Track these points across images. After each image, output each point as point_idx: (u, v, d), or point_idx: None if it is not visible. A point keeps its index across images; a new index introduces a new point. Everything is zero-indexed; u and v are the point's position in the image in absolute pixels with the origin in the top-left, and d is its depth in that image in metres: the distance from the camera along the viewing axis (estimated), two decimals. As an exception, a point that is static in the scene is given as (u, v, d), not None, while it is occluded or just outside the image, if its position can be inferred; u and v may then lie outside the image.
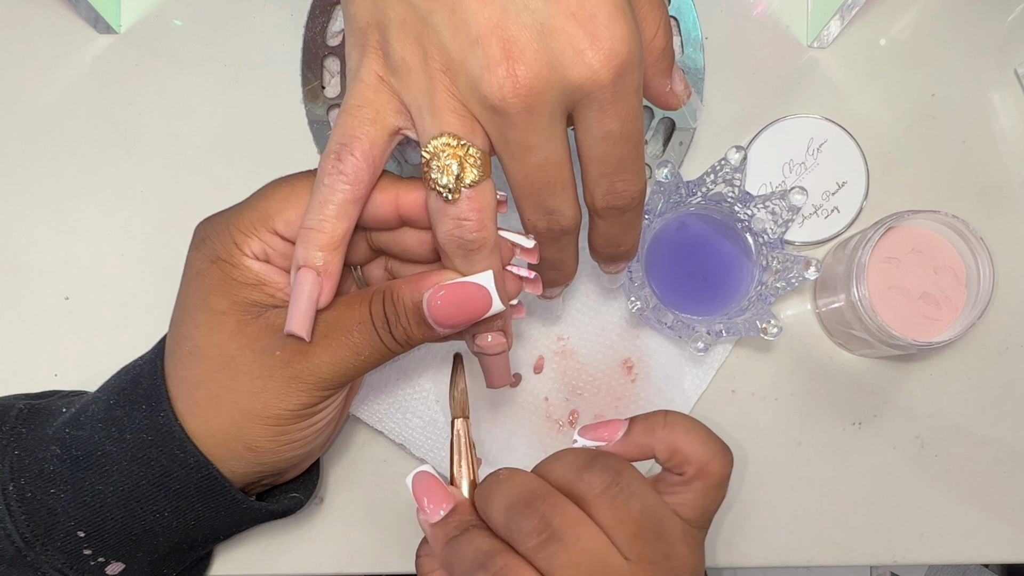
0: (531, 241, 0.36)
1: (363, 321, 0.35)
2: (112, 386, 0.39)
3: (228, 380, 0.36)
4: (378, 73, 0.33)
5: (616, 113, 0.31)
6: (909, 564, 0.49)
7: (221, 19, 0.51)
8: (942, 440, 0.49)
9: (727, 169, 0.45)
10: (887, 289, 0.46)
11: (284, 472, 0.41)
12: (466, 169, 0.32)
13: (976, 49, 0.51)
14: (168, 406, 0.37)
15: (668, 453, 0.36)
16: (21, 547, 0.37)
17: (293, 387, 0.36)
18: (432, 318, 0.35)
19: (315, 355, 0.35)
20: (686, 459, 0.35)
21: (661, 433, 0.36)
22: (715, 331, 0.45)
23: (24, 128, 0.50)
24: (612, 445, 0.36)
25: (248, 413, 0.36)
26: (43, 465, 0.38)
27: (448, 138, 0.32)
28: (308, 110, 0.50)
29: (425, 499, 0.37)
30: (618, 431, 0.37)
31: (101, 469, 0.37)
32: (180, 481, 0.37)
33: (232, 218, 0.37)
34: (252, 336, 0.36)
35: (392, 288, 0.36)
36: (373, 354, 0.36)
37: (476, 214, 0.33)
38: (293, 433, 0.37)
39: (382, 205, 0.35)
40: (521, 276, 0.37)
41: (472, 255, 0.34)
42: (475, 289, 0.34)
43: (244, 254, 0.36)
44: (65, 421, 0.39)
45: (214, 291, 0.37)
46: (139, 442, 0.37)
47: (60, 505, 0.37)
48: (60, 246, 0.49)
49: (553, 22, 0.30)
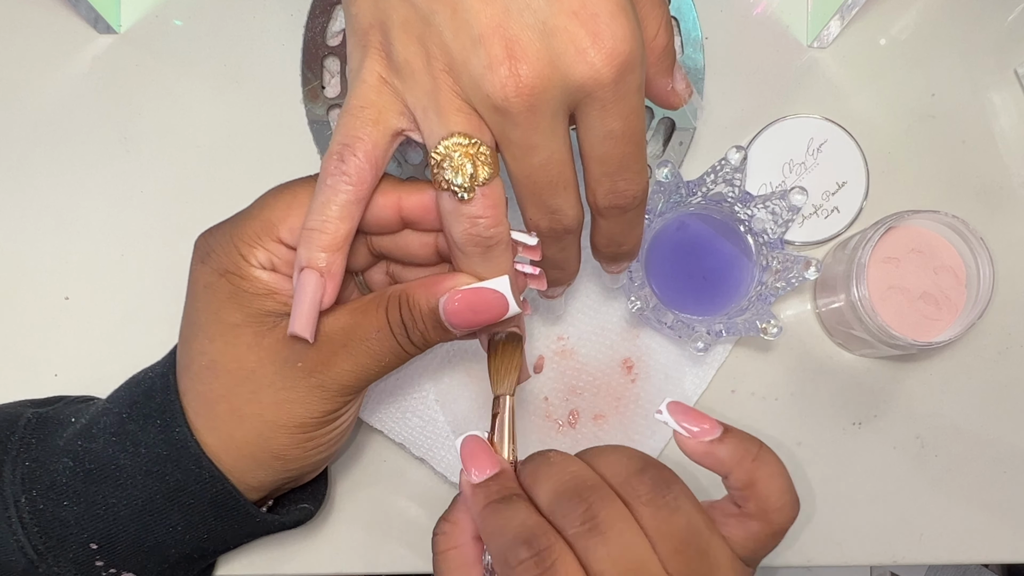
0: (534, 238, 0.36)
1: (381, 328, 0.36)
2: (124, 398, 0.39)
3: (250, 393, 0.36)
4: (380, 74, 0.33)
5: (618, 112, 0.32)
6: (909, 564, 0.49)
7: (221, 19, 0.51)
8: (942, 440, 0.49)
9: (727, 169, 0.45)
10: (887, 289, 0.46)
11: (306, 475, 0.41)
12: (479, 167, 0.32)
13: (976, 49, 0.51)
14: (183, 421, 0.37)
15: (744, 483, 0.33)
16: (33, 559, 0.37)
17: (317, 395, 0.36)
18: (449, 322, 0.35)
19: (337, 364, 0.36)
20: (756, 496, 0.33)
21: (748, 464, 0.33)
22: (715, 331, 0.45)
23: (24, 128, 0.50)
24: (697, 443, 0.34)
25: (274, 424, 0.37)
26: (55, 477, 0.38)
27: (459, 137, 0.32)
28: (308, 110, 0.50)
29: (472, 461, 0.35)
30: (710, 434, 0.34)
31: (115, 482, 0.37)
32: (194, 495, 0.37)
33: (235, 229, 0.37)
34: (270, 348, 0.36)
35: (408, 293, 0.36)
36: (393, 359, 0.36)
37: (491, 211, 0.33)
38: (319, 438, 0.38)
39: (384, 208, 0.35)
40: (525, 272, 0.37)
41: (490, 252, 0.34)
42: (491, 294, 0.34)
43: (251, 265, 0.36)
44: (76, 432, 0.39)
45: (226, 304, 0.36)
46: (153, 456, 0.37)
47: (72, 517, 0.37)
48: (60, 246, 0.49)
49: (555, 21, 0.30)
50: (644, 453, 0.34)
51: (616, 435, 0.48)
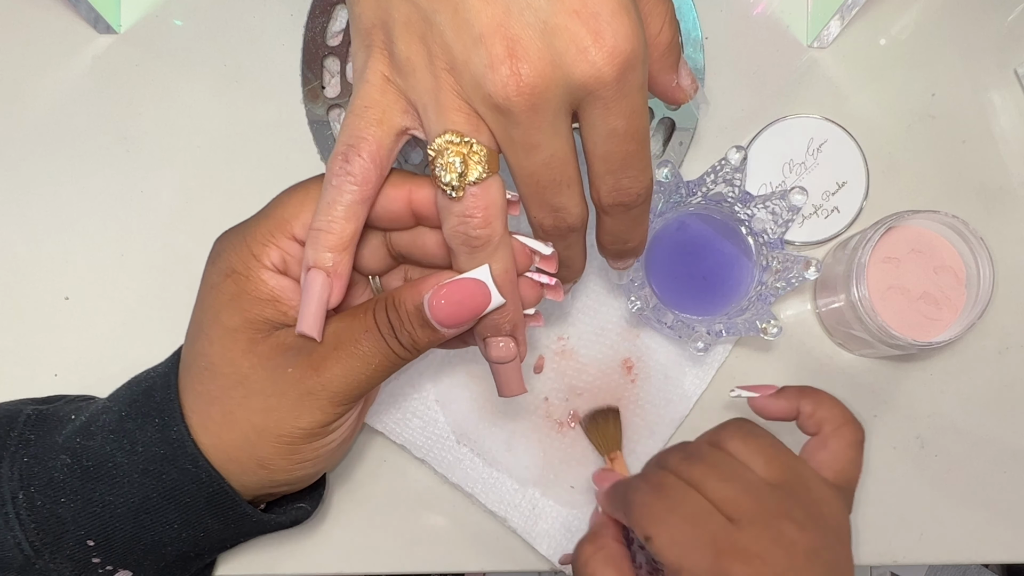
0: (549, 248, 0.36)
1: (369, 329, 0.36)
2: (124, 397, 0.39)
3: (242, 397, 0.36)
4: (384, 73, 0.33)
5: (620, 110, 0.32)
6: (909, 564, 0.49)
7: (221, 19, 0.51)
8: (942, 440, 0.49)
9: (727, 169, 0.45)
10: (887, 289, 0.46)
11: (297, 485, 0.41)
12: (470, 166, 0.32)
13: (976, 49, 0.51)
14: (181, 420, 0.37)
15: (809, 414, 0.40)
16: (30, 555, 0.37)
17: (307, 404, 0.36)
18: (434, 319, 0.35)
19: (327, 368, 0.36)
20: (824, 418, 0.39)
21: (807, 402, 0.40)
22: (715, 331, 0.45)
23: (24, 128, 0.50)
24: (763, 399, 0.41)
25: (261, 431, 0.36)
26: (53, 474, 0.38)
27: (451, 135, 0.32)
28: (308, 110, 0.50)
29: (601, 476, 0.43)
30: (769, 391, 0.41)
31: (112, 480, 0.37)
32: (191, 494, 0.37)
33: (248, 230, 0.37)
34: (264, 354, 0.36)
35: (394, 294, 0.36)
36: (383, 362, 0.36)
37: (481, 211, 0.33)
38: (305, 452, 0.37)
39: (395, 201, 0.35)
40: (542, 283, 0.37)
41: (477, 252, 0.34)
42: (473, 285, 0.34)
43: (263, 266, 0.36)
44: (75, 430, 0.39)
45: (226, 306, 0.36)
46: (151, 455, 0.37)
47: (70, 514, 0.37)
48: (60, 246, 0.49)
49: (556, 20, 0.30)
50: None
51: (616, 435, 0.48)
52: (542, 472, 0.47)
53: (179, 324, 0.38)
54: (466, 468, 0.47)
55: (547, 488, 0.47)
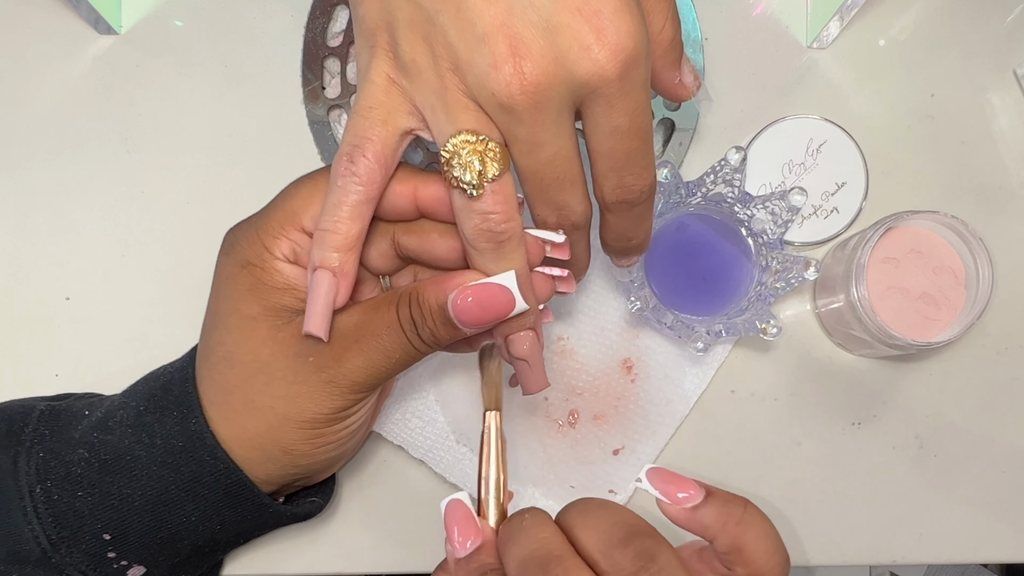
0: (560, 236, 0.36)
1: (391, 324, 0.36)
2: (141, 392, 0.40)
3: (263, 385, 0.37)
4: (388, 74, 0.33)
5: (623, 108, 0.32)
6: (909, 564, 0.49)
7: (221, 19, 0.51)
8: (941, 440, 0.49)
9: (727, 169, 0.45)
10: (886, 289, 0.47)
11: (317, 474, 0.41)
12: (487, 164, 0.32)
13: (976, 49, 0.51)
14: (200, 413, 0.37)
15: (729, 548, 0.32)
16: (47, 549, 0.37)
17: (327, 391, 0.36)
18: (457, 319, 0.35)
19: (348, 359, 0.36)
20: (744, 561, 0.32)
21: (732, 528, 0.32)
22: (715, 331, 0.45)
23: (24, 129, 0.50)
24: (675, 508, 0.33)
25: (284, 417, 0.37)
26: (70, 468, 0.38)
27: (467, 135, 0.32)
28: (308, 111, 0.50)
29: (455, 529, 0.34)
30: (691, 500, 0.33)
31: (130, 473, 0.38)
32: (209, 486, 0.38)
33: (259, 222, 0.37)
34: (284, 342, 0.36)
35: (418, 290, 0.36)
36: (403, 356, 0.36)
37: (502, 207, 0.33)
38: (328, 435, 0.38)
39: (400, 196, 0.36)
40: (554, 276, 0.37)
41: (502, 248, 0.34)
42: (498, 290, 0.35)
43: (275, 257, 0.37)
44: (92, 425, 0.39)
45: (245, 296, 0.37)
46: (169, 448, 0.37)
47: (87, 508, 0.37)
48: (60, 246, 0.49)
49: (558, 18, 0.30)
50: (630, 514, 0.32)
51: (616, 435, 0.48)
52: (542, 472, 0.47)
53: (180, 324, 0.39)
54: (465, 468, 0.47)
55: (547, 488, 0.47)
